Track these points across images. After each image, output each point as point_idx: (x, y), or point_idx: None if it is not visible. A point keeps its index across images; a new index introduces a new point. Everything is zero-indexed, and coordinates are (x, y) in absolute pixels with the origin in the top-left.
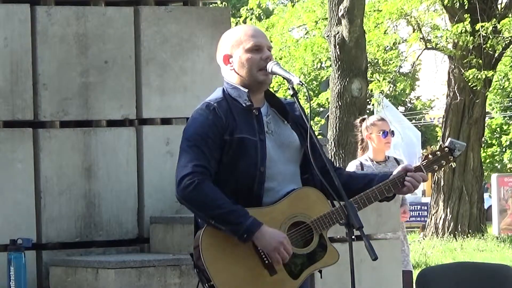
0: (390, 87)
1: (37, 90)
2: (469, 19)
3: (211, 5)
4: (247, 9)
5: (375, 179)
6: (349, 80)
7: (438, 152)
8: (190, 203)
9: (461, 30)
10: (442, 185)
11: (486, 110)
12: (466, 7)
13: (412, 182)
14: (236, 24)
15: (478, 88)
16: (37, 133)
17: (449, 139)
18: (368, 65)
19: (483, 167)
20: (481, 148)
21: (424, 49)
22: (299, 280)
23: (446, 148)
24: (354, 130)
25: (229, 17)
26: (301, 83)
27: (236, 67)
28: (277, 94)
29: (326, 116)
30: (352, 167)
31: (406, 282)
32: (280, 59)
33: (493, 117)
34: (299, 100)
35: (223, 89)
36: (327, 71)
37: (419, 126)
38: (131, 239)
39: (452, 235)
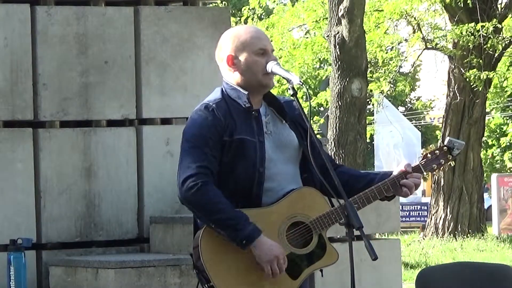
0: (390, 87)
1: (37, 90)
2: (472, 21)
3: (211, 5)
4: (249, 9)
5: (376, 178)
6: (349, 80)
7: (437, 151)
8: (193, 205)
9: (462, 31)
10: (442, 185)
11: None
12: (466, 7)
13: (407, 186)
14: (236, 23)
15: (480, 88)
16: (37, 133)
17: (448, 138)
18: (368, 65)
19: (483, 169)
20: (481, 149)
21: (424, 49)
22: (298, 280)
23: (445, 147)
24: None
25: (229, 17)
26: (301, 83)
27: (241, 70)
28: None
29: (325, 116)
30: None
31: None
32: (280, 58)
33: (493, 117)
34: (299, 100)
35: (222, 89)
36: (326, 71)
37: (419, 126)
38: (131, 239)
39: (452, 235)
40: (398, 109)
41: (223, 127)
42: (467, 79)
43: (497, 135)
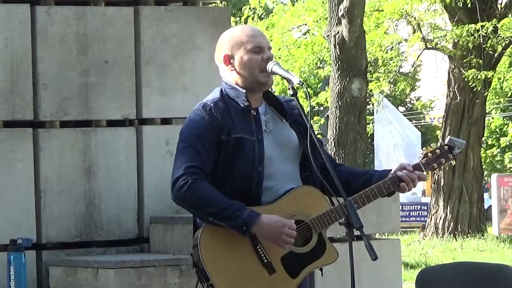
0: (390, 87)
1: (37, 90)
2: (472, 21)
3: (211, 5)
4: (249, 8)
5: (375, 175)
6: (349, 80)
7: (438, 150)
8: (186, 203)
9: (462, 32)
10: (442, 185)
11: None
12: (466, 7)
13: (404, 180)
14: (236, 23)
15: (478, 88)
16: (37, 133)
17: (449, 137)
18: (368, 65)
19: (483, 169)
20: (481, 149)
21: (424, 49)
22: (298, 278)
23: (446, 146)
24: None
25: (229, 17)
26: (301, 83)
27: (238, 68)
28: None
29: (325, 116)
30: None
31: None
32: (279, 58)
33: (492, 117)
34: (299, 99)
35: (221, 89)
36: (327, 70)
37: (419, 126)
38: (131, 239)
39: (452, 235)
40: (398, 109)
41: (220, 126)
42: (467, 79)
43: (497, 135)
